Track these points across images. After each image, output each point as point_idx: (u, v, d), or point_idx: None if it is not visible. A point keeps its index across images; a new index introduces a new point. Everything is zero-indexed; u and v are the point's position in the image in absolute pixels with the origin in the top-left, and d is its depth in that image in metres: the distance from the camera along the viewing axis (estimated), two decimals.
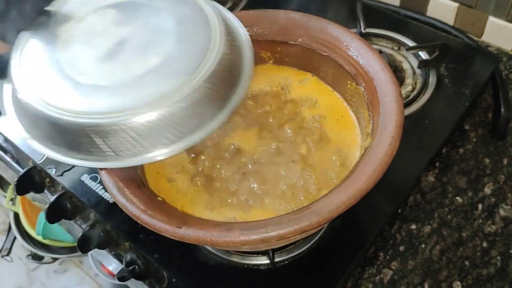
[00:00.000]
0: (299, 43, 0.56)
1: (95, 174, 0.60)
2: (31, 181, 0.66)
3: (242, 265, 0.52)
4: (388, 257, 0.55)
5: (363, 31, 0.73)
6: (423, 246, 0.55)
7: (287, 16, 0.56)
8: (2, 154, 0.75)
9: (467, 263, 0.54)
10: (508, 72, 0.72)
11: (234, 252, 0.53)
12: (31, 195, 0.71)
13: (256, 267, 0.52)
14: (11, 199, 1.29)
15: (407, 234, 0.56)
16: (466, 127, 0.66)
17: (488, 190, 0.60)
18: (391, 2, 0.82)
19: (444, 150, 0.64)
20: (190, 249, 0.53)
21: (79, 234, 0.58)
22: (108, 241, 0.60)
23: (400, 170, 0.56)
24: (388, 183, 0.55)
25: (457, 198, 0.59)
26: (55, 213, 0.62)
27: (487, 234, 0.56)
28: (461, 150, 0.64)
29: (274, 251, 0.51)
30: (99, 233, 0.59)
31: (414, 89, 0.67)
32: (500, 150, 0.63)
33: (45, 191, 0.67)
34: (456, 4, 0.76)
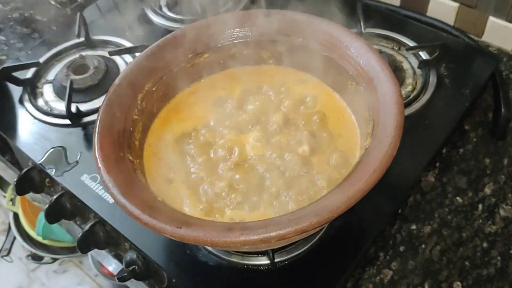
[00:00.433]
0: (299, 43, 0.56)
1: (95, 174, 0.60)
2: (30, 181, 0.66)
3: (242, 265, 0.52)
4: (388, 257, 0.55)
5: (363, 31, 0.73)
6: (423, 246, 0.55)
7: (287, 16, 0.56)
8: (2, 154, 0.75)
9: (467, 263, 0.54)
10: (509, 72, 0.72)
11: (234, 252, 0.53)
12: (30, 195, 0.71)
13: (256, 267, 0.52)
14: (11, 199, 1.29)
15: (407, 234, 0.56)
16: (466, 127, 0.66)
17: (488, 190, 0.60)
18: (391, 2, 0.82)
19: (444, 150, 0.64)
20: (190, 249, 0.53)
21: (79, 235, 0.58)
22: (108, 241, 0.60)
23: (400, 170, 0.56)
24: (388, 183, 0.55)
25: (457, 198, 0.59)
26: (55, 213, 0.62)
27: (487, 234, 0.56)
28: (461, 150, 0.64)
29: (274, 251, 0.51)
30: (99, 233, 0.59)
31: (414, 89, 0.67)
32: (500, 150, 0.63)
33: (45, 191, 0.67)
34: (457, 4, 0.76)
